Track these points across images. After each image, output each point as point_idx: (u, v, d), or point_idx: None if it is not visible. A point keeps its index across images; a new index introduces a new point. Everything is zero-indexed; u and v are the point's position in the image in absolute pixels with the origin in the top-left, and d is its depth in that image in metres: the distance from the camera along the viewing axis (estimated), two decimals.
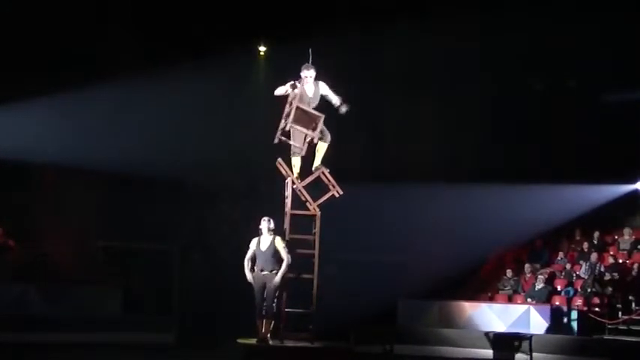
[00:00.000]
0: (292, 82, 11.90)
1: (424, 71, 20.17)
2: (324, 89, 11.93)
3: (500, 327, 17.99)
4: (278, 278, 11.66)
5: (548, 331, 17.53)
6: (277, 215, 12.21)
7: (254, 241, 11.94)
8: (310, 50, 11.93)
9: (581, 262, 19.62)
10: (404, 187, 20.00)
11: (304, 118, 11.76)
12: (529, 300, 18.78)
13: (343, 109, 11.77)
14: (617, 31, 18.98)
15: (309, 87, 11.89)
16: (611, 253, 19.74)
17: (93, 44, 19.62)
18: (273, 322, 11.79)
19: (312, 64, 11.88)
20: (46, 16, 18.80)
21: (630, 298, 18.07)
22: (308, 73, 11.84)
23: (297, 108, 11.65)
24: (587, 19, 18.70)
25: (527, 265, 20.09)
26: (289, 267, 11.82)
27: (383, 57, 20.67)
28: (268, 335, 11.73)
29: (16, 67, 18.54)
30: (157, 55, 19.28)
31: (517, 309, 18.33)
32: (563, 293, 18.96)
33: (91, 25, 19.58)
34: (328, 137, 12.11)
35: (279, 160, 12.15)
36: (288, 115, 11.68)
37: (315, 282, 11.86)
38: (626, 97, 20.18)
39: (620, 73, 19.73)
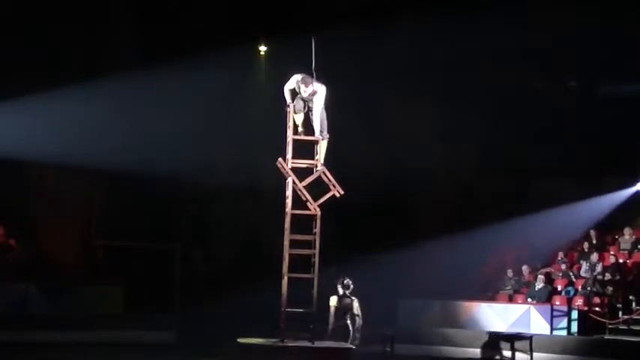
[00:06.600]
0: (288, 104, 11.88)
1: (424, 71, 20.13)
2: (319, 99, 11.85)
3: (500, 327, 17.99)
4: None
5: (549, 330, 17.52)
6: (277, 215, 12.20)
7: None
8: (313, 40, 11.87)
9: (581, 261, 19.61)
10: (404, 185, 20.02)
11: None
12: (529, 300, 18.78)
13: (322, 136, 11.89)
14: (617, 31, 18.94)
15: (306, 95, 11.84)
16: (612, 252, 19.71)
17: (92, 42, 19.61)
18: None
19: (315, 56, 11.82)
20: (45, 14, 18.79)
21: (630, 297, 18.09)
22: (307, 89, 11.77)
23: (293, 140, 11.86)
24: (587, 18, 18.67)
25: (524, 267, 20.03)
26: (288, 267, 11.86)
27: (383, 57, 20.62)
28: None
29: (15, 65, 18.52)
30: (157, 54, 19.25)
31: (518, 309, 18.33)
32: (563, 293, 18.94)
33: (91, 23, 19.58)
34: (326, 134, 12.09)
35: (280, 160, 12.12)
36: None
37: (315, 282, 11.84)
38: (625, 91, 20.15)
39: (619, 72, 19.72)
